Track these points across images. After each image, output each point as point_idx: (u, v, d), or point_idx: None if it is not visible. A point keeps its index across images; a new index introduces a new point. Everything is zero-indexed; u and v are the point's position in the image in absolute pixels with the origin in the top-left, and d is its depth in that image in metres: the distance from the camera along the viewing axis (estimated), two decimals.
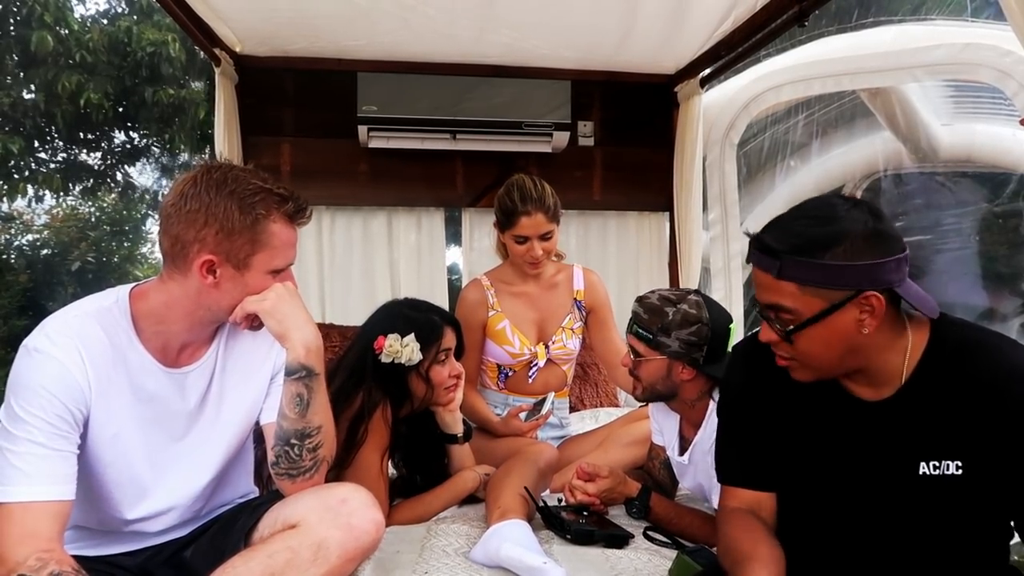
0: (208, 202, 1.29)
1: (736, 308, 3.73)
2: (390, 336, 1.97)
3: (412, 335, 1.98)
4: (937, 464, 1.18)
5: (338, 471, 1.83)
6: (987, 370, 1.14)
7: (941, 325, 1.23)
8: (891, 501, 1.22)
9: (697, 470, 1.92)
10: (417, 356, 1.97)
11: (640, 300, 1.92)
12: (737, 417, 1.41)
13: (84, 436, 1.31)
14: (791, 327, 1.18)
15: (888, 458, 1.22)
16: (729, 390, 1.44)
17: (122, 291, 1.39)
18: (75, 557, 1.24)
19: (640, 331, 1.88)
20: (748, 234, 1.21)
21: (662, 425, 2.08)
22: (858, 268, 1.13)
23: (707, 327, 1.82)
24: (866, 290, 1.13)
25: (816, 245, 1.13)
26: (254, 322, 1.40)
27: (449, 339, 2.06)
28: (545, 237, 2.41)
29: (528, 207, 2.36)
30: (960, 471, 1.17)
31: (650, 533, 1.76)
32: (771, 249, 1.16)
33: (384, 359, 1.96)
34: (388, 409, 1.97)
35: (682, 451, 1.97)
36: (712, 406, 1.84)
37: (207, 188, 1.30)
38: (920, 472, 1.19)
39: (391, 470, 2.15)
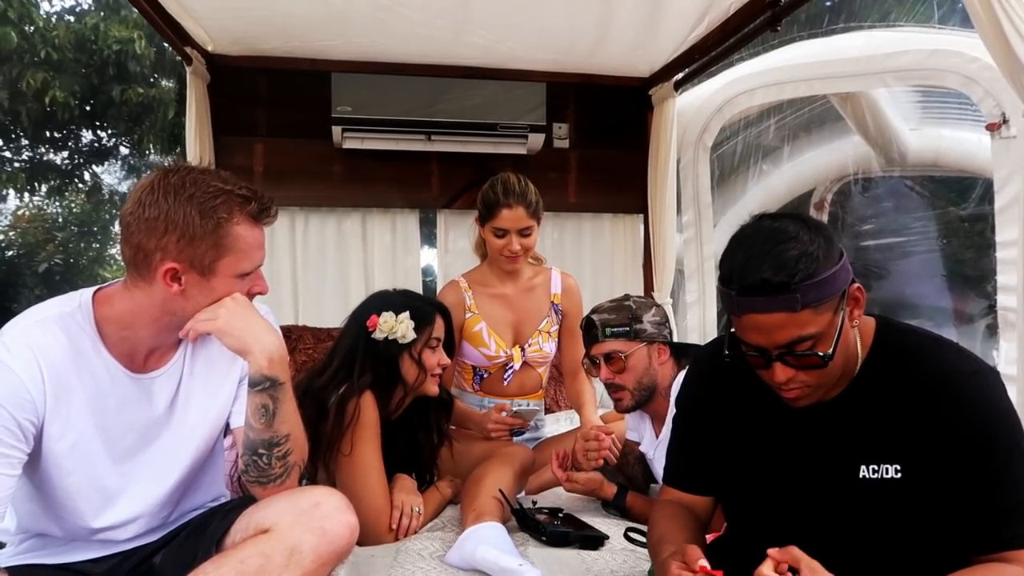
0: (167, 209, 1.25)
1: (709, 310, 3.77)
2: (384, 313, 1.97)
3: (406, 313, 1.97)
4: (876, 468, 1.17)
5: (338, 457, 1.85)
6: (924, 373, 1.14)
7: (884, 327, 1.23)
8: (833, 505, 1.21)
9: None
10: (411, 334, 1.96)
11: (594, 312, 2.03)
12: (686, 424, 1.43)
13: (39, 446, 1.28)
14: (831, 350, 1.12)
15: (830, 462, 1.21)
16: (684, 397, 1.44)
17: (84, 295, 1.35)
18: (36, 565, 1.20)
19: (616, 330, 1.95)
20: (730, 290, 1.13)
21: (637, 424, 2.13)
22: (843, 265, 1.13)
23: (659, 306, 2.06)
24: (850, 283, 1.14)
25: (816, 262, 1.09)
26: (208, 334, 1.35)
27: (439, 328, 2.05)
28: (524, 233, 2.41)
29: (510, 200, 2.38)
30: (899, 475, 1.16)
31: (631, 534, 1.76)
32: (782, 285, 1.08)
33: (378, 335, 1.95)
34: (375, 399, 1.94)
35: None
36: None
37: (165, 194, 1.25)
38: (860, 476, 1.18)
39: None
